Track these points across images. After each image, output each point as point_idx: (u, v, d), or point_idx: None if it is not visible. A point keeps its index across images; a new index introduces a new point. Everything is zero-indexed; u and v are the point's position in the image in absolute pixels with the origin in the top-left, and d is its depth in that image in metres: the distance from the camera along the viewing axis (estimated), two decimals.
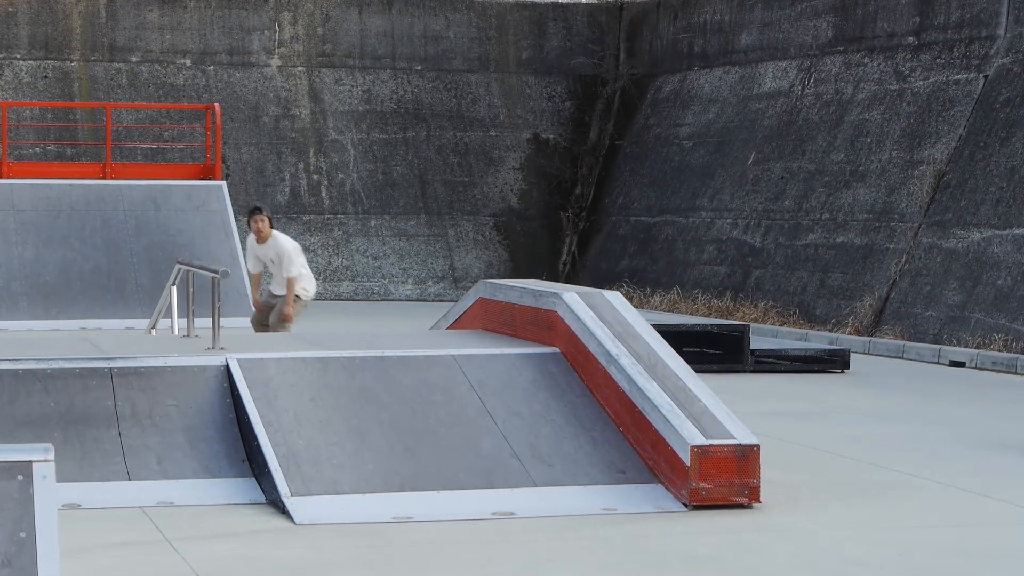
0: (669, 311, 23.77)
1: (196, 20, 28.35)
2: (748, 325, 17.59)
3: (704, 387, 9.89)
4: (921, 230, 20.78)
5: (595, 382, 10.31)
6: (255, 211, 15.75)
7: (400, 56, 29.11)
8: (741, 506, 9.30)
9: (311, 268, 29.68)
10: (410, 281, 27.75)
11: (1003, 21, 20.98)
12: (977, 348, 18.53)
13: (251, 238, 15.85)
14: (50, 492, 5.13)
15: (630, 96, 29.11)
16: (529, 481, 9.41)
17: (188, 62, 28.24)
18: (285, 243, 15.71)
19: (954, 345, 18.94)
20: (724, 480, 9.27)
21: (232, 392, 10.06)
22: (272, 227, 15.81)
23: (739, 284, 23.65)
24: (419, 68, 29.17)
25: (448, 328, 13.22)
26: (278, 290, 15.75)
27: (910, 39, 22.54)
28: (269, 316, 15.71)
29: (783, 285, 22.79)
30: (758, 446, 9.36)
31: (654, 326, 10.93)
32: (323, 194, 27.97)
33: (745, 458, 9.30)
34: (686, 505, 9.26)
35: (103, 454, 9.62)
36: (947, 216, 20.43)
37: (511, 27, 29.65)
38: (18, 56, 27.60)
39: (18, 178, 23.36)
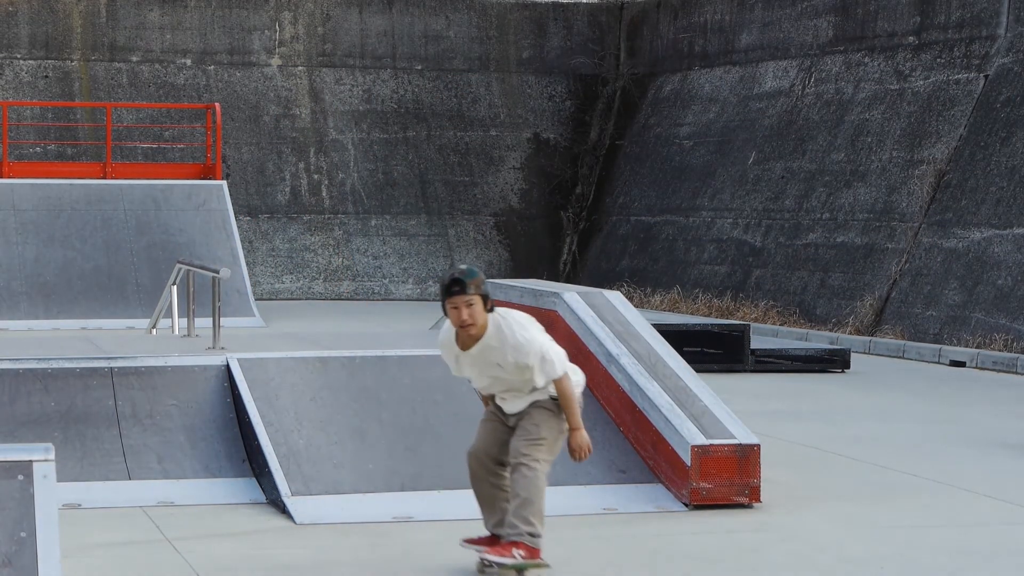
0: (669, 311, 23.77)
1: (196, 20, 28.35)
2: (748, 325, 17.58)
3: (704, 387, 9.89)
4: (921, 230, 20.78)
5: (595, 382, 10.30)
6: (456, 285, 7.63)
7: (400, 56, 29.11)
8: (741, 506, 9.30)
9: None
10: (411, 281, 27.75)
11: (1003, 21, 20.98)
12: (977, 348, 18.53)
13: (447, 332, 7.90)
14: (50, 492, 5.13)
15: (630, 96, 29.11)
16: None
17: (188, 62, 28.24)
18: (518, 330, 7.68)
19: (954, 345, 18.94)
20: (724, 480, 9.27)
21: (232, 392, 10.07)
22: (490, 307, 7.71)
23: (739, 284, 23.65)
24: (419, 68, 29.17)
25: None
26: (519, 403, 7.79)
27: (910, 39, 22.54)
28: (498, 447, 7.78)
29: (783, 285, 22.79)
30: (758, 446, 9.36)
31: (654, 326, 10.93)
32: (323, 194, 27.98)
33: (745, 458, 9.30)
34: (686, 505, 9.26)
35: (103, 454, 9.62)
36: (947, 216, 20.43)
37: (511, 27, 29.65)
38: (18, 56, 27.60)
39: (19, 178, 23.36)
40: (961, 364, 18.14)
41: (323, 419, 9.77)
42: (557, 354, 7.54)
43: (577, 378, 7.67)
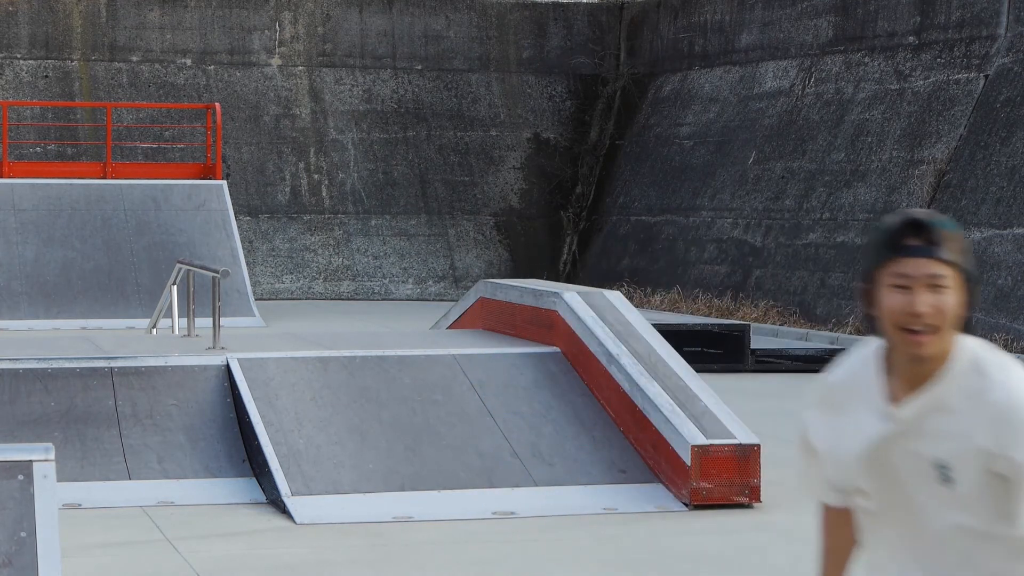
0: (670, 311, 23.77)
1: (196, 19, 28.35)
2: (749, 325, 17.58)
3: (705, 387, 9.88)
4: None
5: (596, 382, 10.30)
6: (918, 234, 3.40)
7: (400, 55, 29.11)
8: (742, 506, 9.29)
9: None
10: (410, 281, 27.75)
11: (1003, 20, 20.98)
12: None
13: (852, 365, 3.61)
14: (51, 491, 5.13)
15: (630, 96, 29.11)
16: (530, 481, 9.41)
17: (188, 62, 28.25)
18: (1017, 383, 3.22)
19: None
20: (725, 480, 9.26)
21: (232, 392, 10.06)
22: (966, 313, 3.32)
23: (740, 284, 23.65)
24: (419, 68, 29.17)
25: (449, 328, 13.22)
26: None
27: (910, 39, 22.55)
28: None
29: (784, 285, 22.80)
30: (759, 446, 9.36)
31: (655, 326, 10.93)
32: (323, 194, 27.98)
33: (746, 457, 9.30)
34: (687, 504, 9.26)
35: (104, 453, 9.62)
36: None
37: (511, 27, 29.66)
38: (18, 55, 27.60)
39: (19, 178, 23.36)
40: None
41: (323, 419, 9.76)
42: None
43: None
